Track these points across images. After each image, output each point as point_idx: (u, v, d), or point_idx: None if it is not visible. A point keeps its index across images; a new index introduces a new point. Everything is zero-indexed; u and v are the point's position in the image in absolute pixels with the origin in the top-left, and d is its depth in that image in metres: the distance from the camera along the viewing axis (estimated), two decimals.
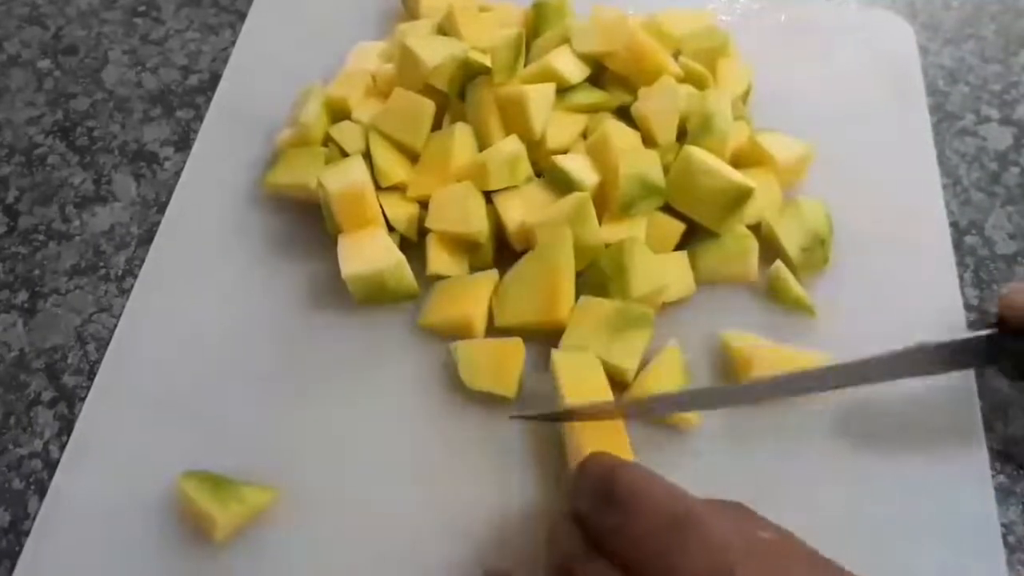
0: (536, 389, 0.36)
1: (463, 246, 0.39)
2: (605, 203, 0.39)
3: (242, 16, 0.52)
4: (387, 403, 0.37)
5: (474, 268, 0.39)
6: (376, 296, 0.38)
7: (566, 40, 0.43)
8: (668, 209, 0.40)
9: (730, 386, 0.37)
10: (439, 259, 0.39)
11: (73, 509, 0.34)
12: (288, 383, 0.38)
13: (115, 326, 0.40)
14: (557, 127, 0.41)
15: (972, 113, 0.47)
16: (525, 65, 0.43)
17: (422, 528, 0.34)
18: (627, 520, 0.26)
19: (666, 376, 0.36)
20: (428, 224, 0.39)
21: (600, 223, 0.38)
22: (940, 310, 0.39)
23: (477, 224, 0.38)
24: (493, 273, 0.39)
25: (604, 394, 0.34)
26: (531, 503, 0.34)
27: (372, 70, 0.45)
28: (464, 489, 0.35)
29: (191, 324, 0.39)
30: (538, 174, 0.41)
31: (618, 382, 0.36)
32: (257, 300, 0.40)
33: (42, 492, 0.35)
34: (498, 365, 0.36)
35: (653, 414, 0.35)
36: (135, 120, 0.48)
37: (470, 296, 0.38)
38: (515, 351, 0.36)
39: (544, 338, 0.37)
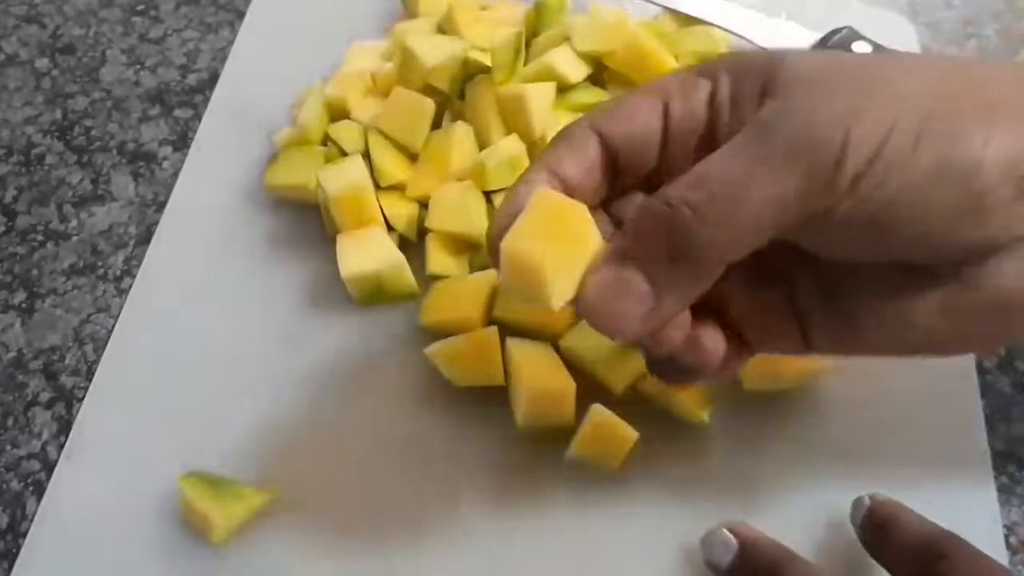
0: None
1: (463, 246, 0.39)
2: None
3: (241, 15, 0.52)
4: (387, 403, 0.37)
5: (474, 268, 0.39)
6: (376, 296, 0.38)
7: (566, 39, 0.43)
8: None
9: None
10: (439, 259, 0.39)
11: (71, 510, 0.34)
12: (287, 383, 0.37)
13: (113, 326, 0.40)
14: (557, 127, 0.40)
15: None
16: (525, 64, 0.43)
17: (423, 527, 0.34)
18: None
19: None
20: (428, 224, 0.39)
21: None
22: None
23: (477, 224, 0.38)
24: (493, 273, 0.38)
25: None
26: (534, 500, 0.34)
27: (371, 69, 0.44)
28: (466, 488, 0.34)
29: (189, 324, 0.39)
30: None
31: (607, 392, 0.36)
32: (256, 300, 0.40)
33: (40, 493, 0.35)
34: (478, 358, 0.36)
35: None
36: (133, 119, 0.48)
37: (470, 296, 0.38)
38: (490, 339, 0.36)
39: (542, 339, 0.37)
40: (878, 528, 0.30)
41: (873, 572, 0.31)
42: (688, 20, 0.46)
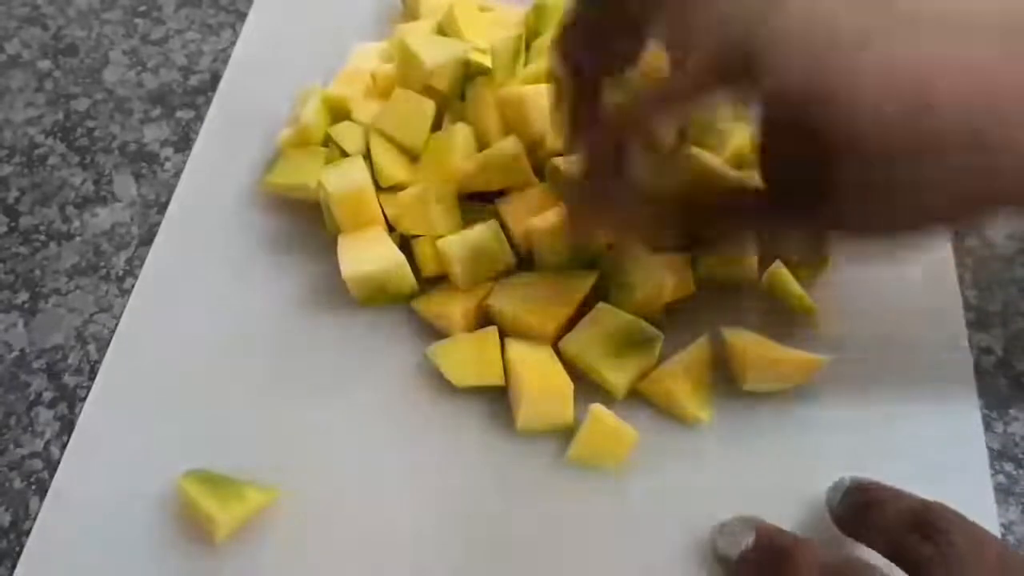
0: None
1: None
2: None
3: (242, 16, 0.52)
4: (388, 403, 0.37)
5: None
6: (376, 296, 0.39)
7: None
8: None
9: None
10: (428, 259, 0.39)
11: (74, 509, 0.35)
12: (289, 383, 0.38)
13: (115, 326, 0.40)
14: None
15: None
16: (525, 65, 0.43)
17: (424, 527, 0.34)
18: None
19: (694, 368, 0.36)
20: (394, 225, 0.39)
21: None
22: (940, 310, 0.39)
23: (437, 226, 0.38)
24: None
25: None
26: (534, 500, 0.34)
27: (372, 70, 0.45)
28: (466, 487, 0.35)
29: (191, 324, 0.39)
30: (538, 175, 0.41)
31: (607, 392, 0.36)
32: (257, 300, 0.40)
33: (43, 492, 0.35)
34: (478, 358, 0.36)
35: None
36: (135, 120, 0.48)
37: (466, 293, 0.38)
38: (491, 340, 0.36)
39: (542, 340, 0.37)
40: (863, 507, 0.30)
41: None
42: None
